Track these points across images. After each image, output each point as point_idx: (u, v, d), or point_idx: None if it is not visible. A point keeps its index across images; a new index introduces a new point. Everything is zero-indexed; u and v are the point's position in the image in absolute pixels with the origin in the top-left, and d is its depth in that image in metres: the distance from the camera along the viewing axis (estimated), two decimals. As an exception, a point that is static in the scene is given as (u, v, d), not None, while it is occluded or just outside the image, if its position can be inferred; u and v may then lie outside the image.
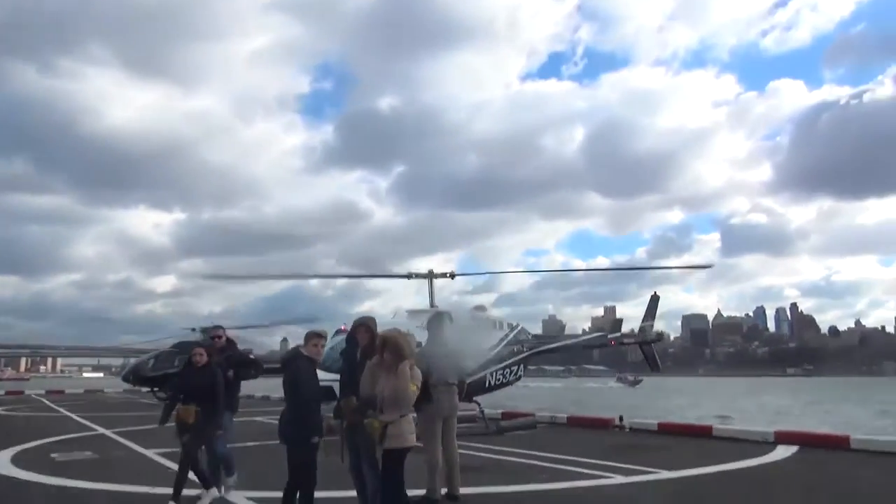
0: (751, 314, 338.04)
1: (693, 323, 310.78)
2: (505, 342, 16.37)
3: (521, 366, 17.11)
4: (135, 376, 30.10)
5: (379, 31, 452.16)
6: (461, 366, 7.45)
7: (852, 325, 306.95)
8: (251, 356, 7.65)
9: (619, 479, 8.19)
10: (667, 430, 13.86)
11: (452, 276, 14.51)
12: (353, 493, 5.88)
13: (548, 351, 19.56)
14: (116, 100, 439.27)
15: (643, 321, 21.91)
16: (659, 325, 21.76)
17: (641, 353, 22.00)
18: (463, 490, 7.17)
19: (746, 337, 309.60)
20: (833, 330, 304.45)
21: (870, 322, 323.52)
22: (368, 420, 5.08)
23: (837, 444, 11.09)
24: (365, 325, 5.86)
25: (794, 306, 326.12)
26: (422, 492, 6.75)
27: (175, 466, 6.92)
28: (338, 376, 5.98)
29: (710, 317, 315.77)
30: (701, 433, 13.22)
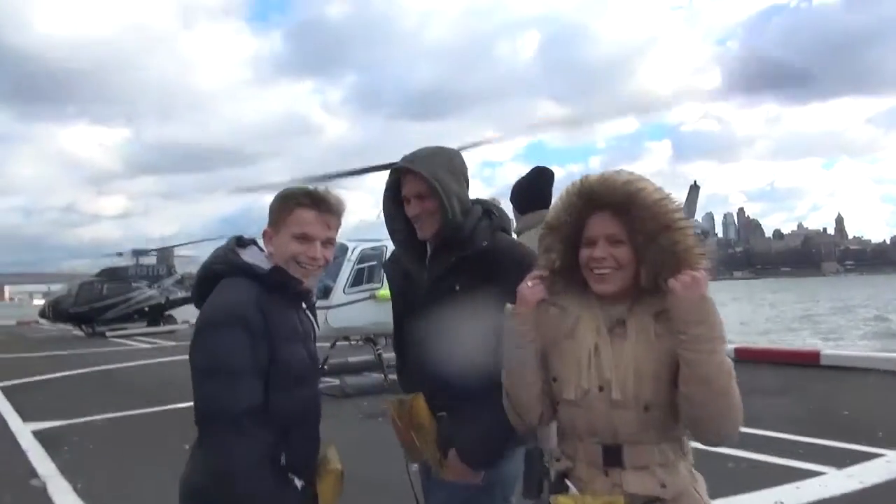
0: (700, 220, 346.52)
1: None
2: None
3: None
4: (54, 312, 25.26)
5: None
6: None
7: (795, 229, 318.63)
8: None
9: (834, 475, 4.65)
10: (748, 357, 10.55)
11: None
12: None
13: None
14: (43, 5, 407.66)
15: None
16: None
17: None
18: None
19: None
20: (777, 233, 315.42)
21: (811, 225, 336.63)
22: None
23: None
24: (418, 172, 1.85)
25: (741, 211, 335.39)
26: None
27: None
28: None
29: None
30: (803, 361, 9.90)
